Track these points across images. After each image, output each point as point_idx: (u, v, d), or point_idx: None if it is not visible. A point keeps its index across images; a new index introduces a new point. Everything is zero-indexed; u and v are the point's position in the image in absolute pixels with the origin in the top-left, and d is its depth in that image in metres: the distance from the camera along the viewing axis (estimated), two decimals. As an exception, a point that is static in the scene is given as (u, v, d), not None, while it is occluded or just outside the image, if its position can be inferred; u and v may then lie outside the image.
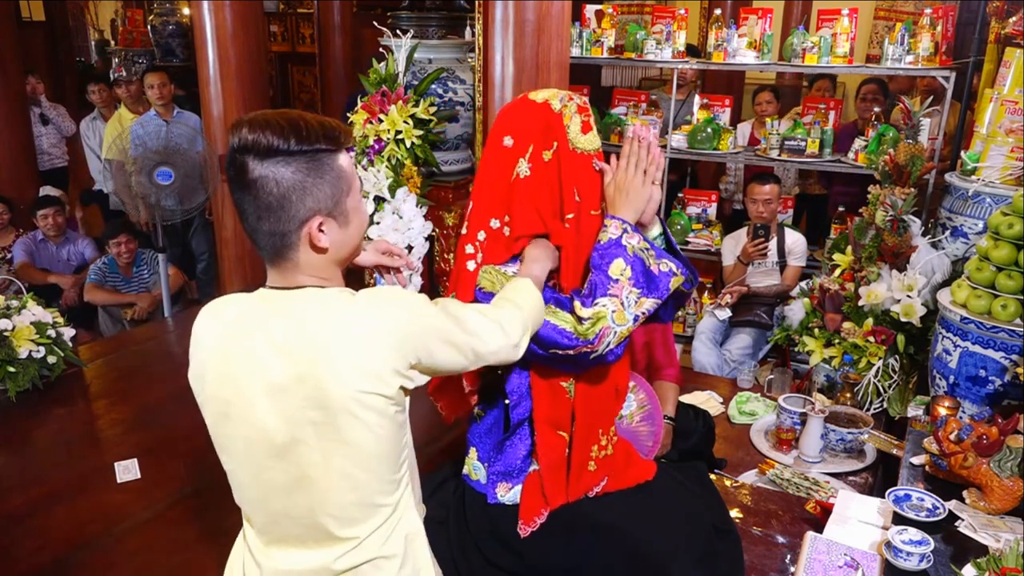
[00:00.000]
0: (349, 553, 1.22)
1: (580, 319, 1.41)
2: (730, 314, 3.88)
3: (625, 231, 1.45)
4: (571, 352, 1.44)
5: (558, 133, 1.49)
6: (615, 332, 1.43)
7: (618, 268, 1.43)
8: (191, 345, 1.24)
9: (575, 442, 1.58)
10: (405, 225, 3.33)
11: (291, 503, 1.20)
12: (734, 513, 2.10)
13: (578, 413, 1.58)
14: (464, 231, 1.57)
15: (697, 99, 4.49)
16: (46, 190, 5.33)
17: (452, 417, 1.76)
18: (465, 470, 1.70)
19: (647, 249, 1.46)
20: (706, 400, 2.94)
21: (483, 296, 1.53)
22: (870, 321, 2.84)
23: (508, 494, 1.62)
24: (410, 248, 3.37)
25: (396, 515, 1.25)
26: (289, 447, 1.17)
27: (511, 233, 1.54)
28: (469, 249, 1.55)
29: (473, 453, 1.68)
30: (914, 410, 2.58)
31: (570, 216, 1.50)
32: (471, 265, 1.54)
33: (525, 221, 1.52)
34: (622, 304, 1.43)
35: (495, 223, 1.55)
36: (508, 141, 1.53)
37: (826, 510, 2.07)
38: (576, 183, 1.50)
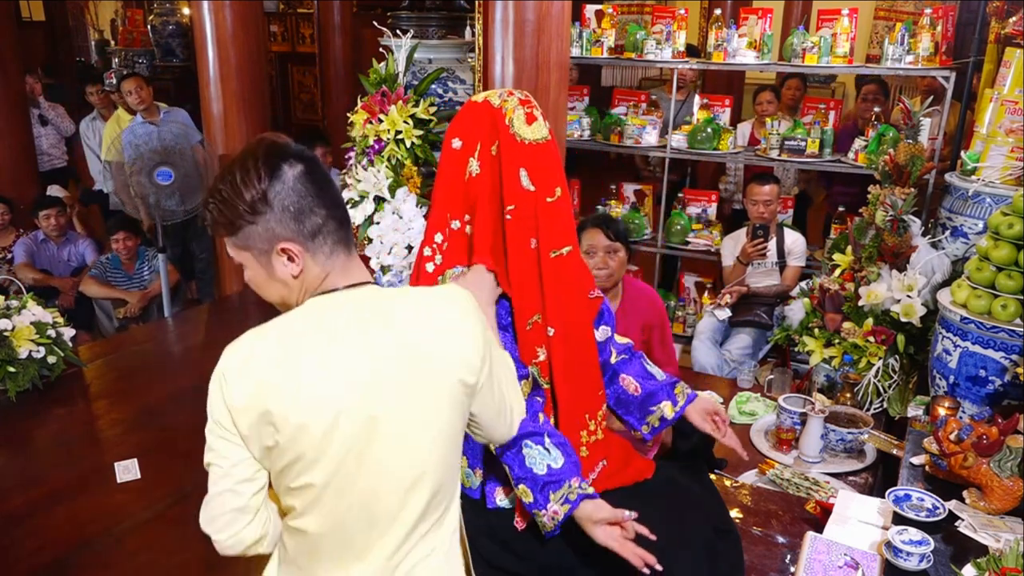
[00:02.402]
0: (428, 535, 1.27)
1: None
2: (730, 314, 3.88)
3: (554, 512, 1.47)
4: None
5: (500, 127, 1.53)
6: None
7: (524, 491, 1.49)
8: (258, 377, 1.14)
9: (562, 431, 1.59)
10: (405, 225, 3.33)
11: (393, 500, 1.21)
12: (734, 513, 2.10)
13: (560, 400, 1.60)
14: (423, 235, 1.62)
15: (697, 99, 4.49)
16: (52, 190, 5.33)
17: None
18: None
19: (543, 527, 1.49)
20: (706, 400, 2.94)
21: None
22: (870, 321, 2.84)
23: (507, 498, 1.62)
24: (410, 248, 3.37)
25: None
26: (402, 441, 1.19)
27: (474, 230, 1.57)
28: (427, 252, 1.59)
29: (464, 461, 1.69)
30: (914, 410, 2.58)
31: (511, 207, 1.53)
32: (429, 267, 1.59)
33: (487, 216, 1.55)
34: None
35: (456, 224, 1.58)
36: (456, 143, 1.58)
37: (826, 510, 2.07)
38: (528, 172, 1.52)
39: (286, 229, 1.18)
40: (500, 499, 1.63)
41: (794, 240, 3.97)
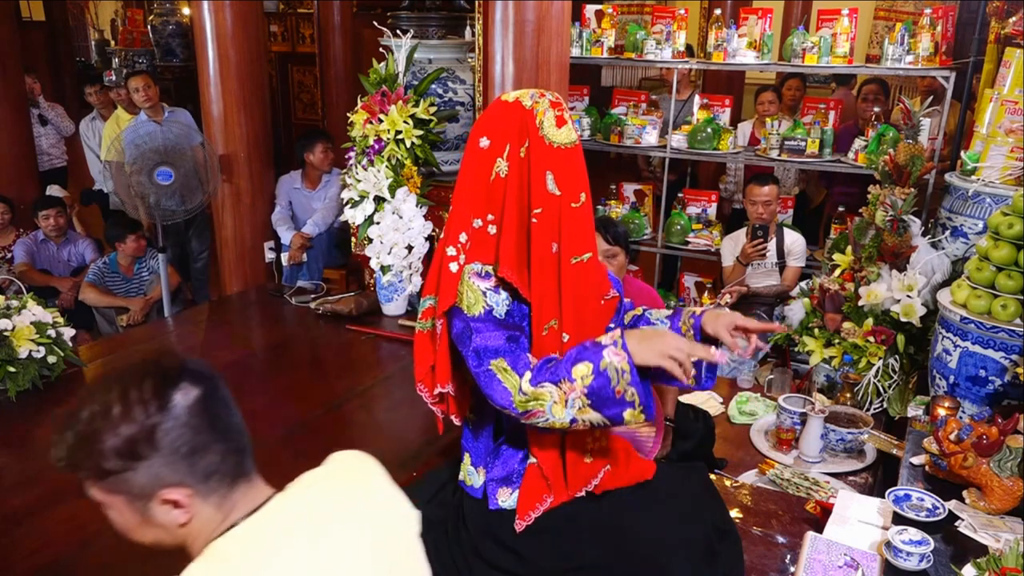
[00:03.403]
0: None
1: (521, 390, 1.44)
2: (730, 314, 3.87)
3: (615, 343, 1.42)
4: (503, 410, 1.49)
5: (531, 128, 1.52)
6: (547, 419, 1.44)
7: (581, 371, 1.42)
8: None
9: (568, 436, 1.59)
10: (405, 225, 3.33)
11: None
12: (734, 513, 2.10)
13: None
14: (443, 235, 1.60)
15: (697, 99, 4.49)
16: (52, 190, 5.33)
17: (444, 426, 1.77)
18: (460, 476, 1.71)
19: (623, 371, 1.41)
20: (706, 400, 2.94)
21: (457, 313, 1.54)
22: (870, 321, 2.84)
23: (509, 499, 1.62)
24: (410, 248, 3.37)
25: None
26: None
27: (501, 235, 1.55)
28: (451, 251, 1.57)
29: (467, 458, 1.69)
30: (914, 410, 2.58)
31: (538, 211, 1.51)
32: (454, 267, 1.56)
33: (513, 220, 1.54)
34: (566, 402, 1.43)
35: (478, 222, 1.56)
36: (484, 142, 1.56)
37: (826, 510, 2.07)
38: (555, 176, 1.51)
39: (174, 473, 0.94)
40: (503, 500, 1.63)
41: (794, 240, 3.97)
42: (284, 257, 4.39)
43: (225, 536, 0.98)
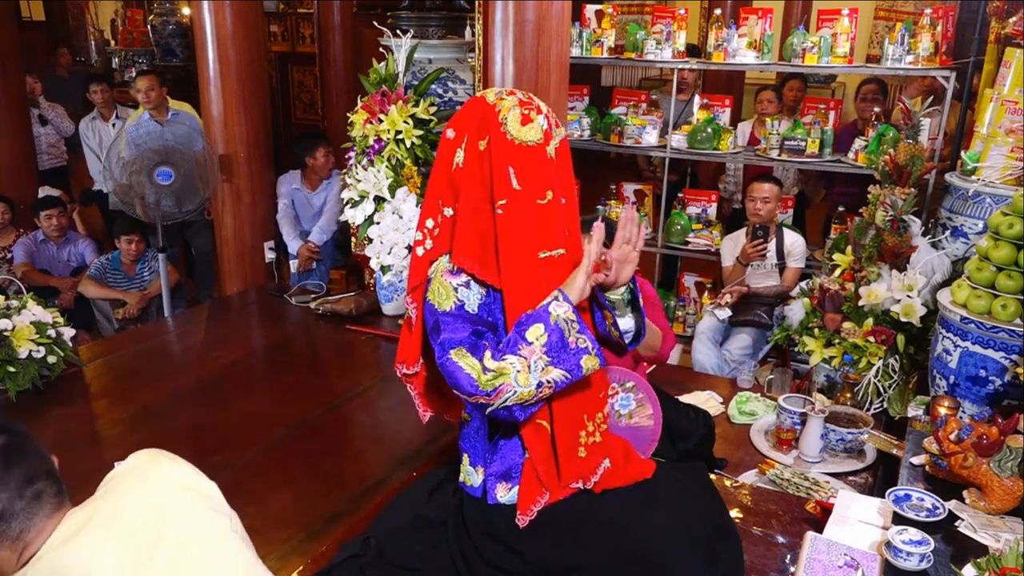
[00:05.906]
0: None
1: (485, 369, 1.47)
2: (730, 314, 3.88)
3: (556, 299, 1.51)
4: (468, 400, 1.51)
5: (491, 123, 1.55)
6: (515, 392, 1.47)
7: (535, 332, 1.49)
8: None
9: (557, 430, 1.59)
10: (405, 225, 3.33)
11: None
12: (734, 513, 2.10)
13: (554, 401, 1.59)
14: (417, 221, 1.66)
15: (697, 99, 4.49)
16: (45, 191, 5.33)
17: (427, 417, 1.80)
18: (460, 478, 1.71)
19: (571, 321, 1.50)
20: (706, 400, 2.94)
21: (428, 307, 1.56)
22: (870, 321, 2.84)
23: (508, 494, 1.62)
24: (410, 248, 3.37)
25: None
26: None
27: (455, 217, 1.58)
28: (418, 236, 1.63)
29: (466, 459, 1.69)
30: (914, 410, 2.58)
31: (502, 203, 1.54)
32: (420, 251, 1.63)
33: (468, 209, 1.57)
34: (528, 367, 1.47)
35: (448, 211, 1.61)
36: (450, 133, 1.62)
37: (826, 510, 2.07)
38: (515, 171, 1.54)
39: None
40: (501, 495, 1.63)
41: (793, 241, 3.96)
42: (293, 265, 4.40)
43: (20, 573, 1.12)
